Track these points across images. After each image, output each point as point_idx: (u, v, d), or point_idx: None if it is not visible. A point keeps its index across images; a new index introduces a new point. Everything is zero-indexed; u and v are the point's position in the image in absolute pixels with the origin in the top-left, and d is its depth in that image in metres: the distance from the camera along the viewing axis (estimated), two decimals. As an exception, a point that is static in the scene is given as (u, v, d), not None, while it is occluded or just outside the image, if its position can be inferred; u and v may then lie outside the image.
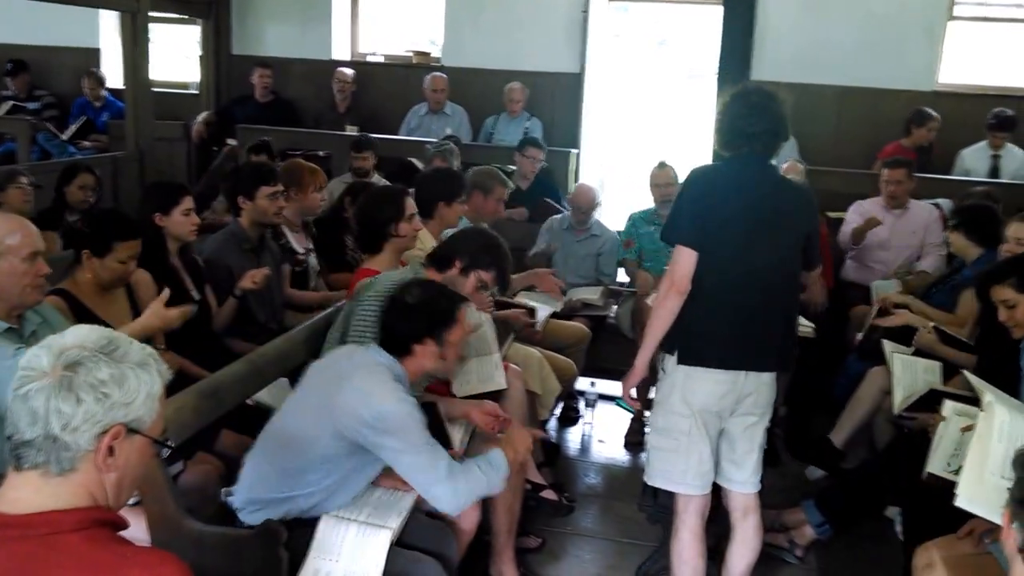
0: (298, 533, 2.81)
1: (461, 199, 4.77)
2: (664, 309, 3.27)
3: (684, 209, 3.28)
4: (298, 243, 5.13)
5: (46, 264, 3.03)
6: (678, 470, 3.36)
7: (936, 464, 3.41)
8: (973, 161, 7.42)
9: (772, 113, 3.30)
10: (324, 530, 2.84)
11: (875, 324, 4.89)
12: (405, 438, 2.87)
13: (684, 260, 3.21)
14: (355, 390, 2.92)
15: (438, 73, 8.48)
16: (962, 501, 2.76)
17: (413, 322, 3.12)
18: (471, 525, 3.32)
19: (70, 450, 1.65)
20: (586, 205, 6.11)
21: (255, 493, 2.98)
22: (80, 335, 1.73)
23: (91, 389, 1.66)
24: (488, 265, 3.77)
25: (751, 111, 3.28)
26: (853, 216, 6.26)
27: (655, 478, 3.45)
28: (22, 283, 2.94)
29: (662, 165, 6.00)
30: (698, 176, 3.36)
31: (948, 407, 3.53)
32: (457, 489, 2.88)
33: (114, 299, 3.82)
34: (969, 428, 3.39)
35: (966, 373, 3.64)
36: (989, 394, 3.01)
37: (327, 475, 2.95)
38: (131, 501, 2.91)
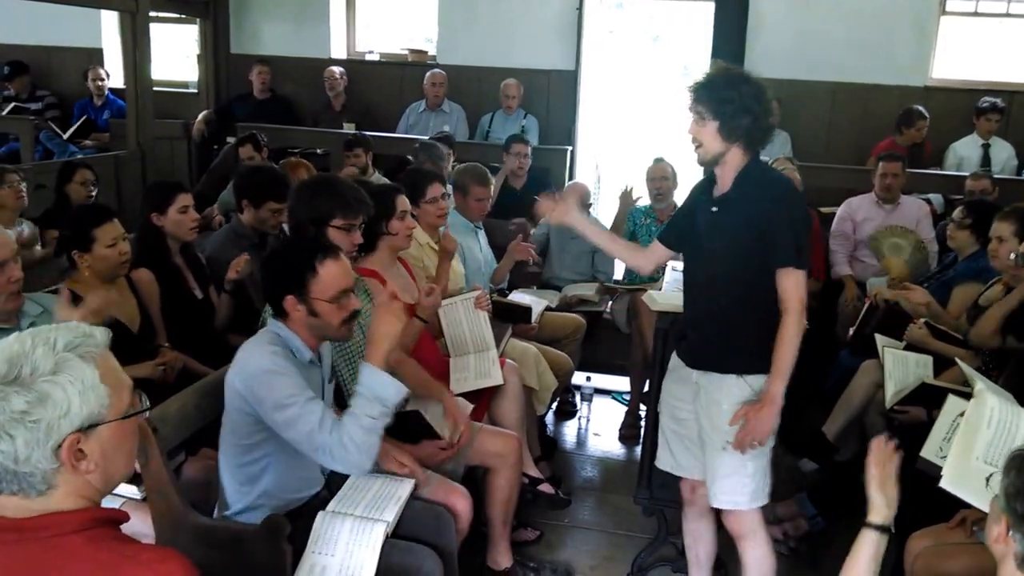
0: (301, 527, 2.85)
1: (427, 198, 4.62)
2: (798, 336, 3.13)
3: (801, 232, 3.12)
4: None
5: (18, 268, 2.98)
6: (768, 482, 3.35)
7: (930, 448, 3.46)
8: (964, 151, 7.49)
9: None
10: (321, 525, 2.86)
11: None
12: (272, 396, 2.73)
13: (803, 282, 3.13)
14: (233, 363, 2.86)
15: (437, 70, 8.53)
16: (947, 483, 2.80)
17: (269, 278, 2.96)
18: (466, 512, 3.35)
19: (35, 476, 1.61)
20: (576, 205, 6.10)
21: (228, 489, 2.99)
22: None
23: (16, 423, 1.57)
24: (333, 212, 3.53)
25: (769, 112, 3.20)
26: (844, 212, 6.32)
27: (759, 498, 3.33)
28: None
29: (658, 160, 6.05)
30: (797, 192, 3.29)
31: (951, 399, 3.57)
32: (343, 441, 2.68)
33: (120, 295, 3.87)
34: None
35: (959, 362, 3.69)
36: (980, 382, 3.07)
37: (260, 458, 2.90)
38: (138, 496, 3.00)
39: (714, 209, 3.21)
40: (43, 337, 1.64)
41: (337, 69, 8.82)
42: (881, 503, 2.40)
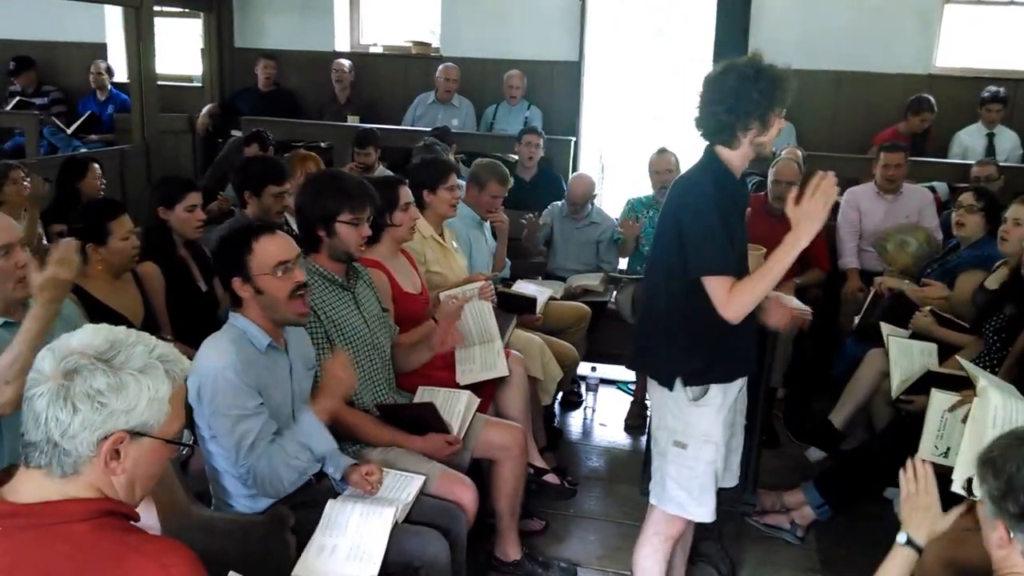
0: (305, 516, 2.87)
1: (447, 185, 4.67)
2: None
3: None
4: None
5: (25, 254, 2.84)
6: None
7: (925, 448, 3.49)
8: (969, 140, 7.47)
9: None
10: (331, 511, 2.90)
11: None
12: (214, 401, 2.78)
13: None
14: (193, 362, 2.83)
15: (451, 64, 8.48)
16: (958, 488, 2.81)
17: (219, 271, 3.01)
18: (471, 503, 3.34)
19: (71, 456, 1.66)
20: (581, 197, 6.13)
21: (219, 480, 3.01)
22: (84, 338, 1.72)
23: (87, 399, 1.65)
24: (340, 207, 3.49)
25: None
26: (847, 200, 6.29)
27: None
28: (2, 279, 2.79)
29: (662, 151, 6.03)
30: None
31: (935, 395, 3.61)
32: (266, 468, 2.81)
33: (124, 289, 3.89)
34: (954, 408, 3.49)
35: (960, 359, 3.71)
36: (983, 379, 3.07)
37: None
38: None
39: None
40: (146, 339, 1.77)
41: (346, 62, 8.82)
42: (921, 525, 2.42)
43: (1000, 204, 5.00)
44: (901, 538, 2.40)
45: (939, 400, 3.61)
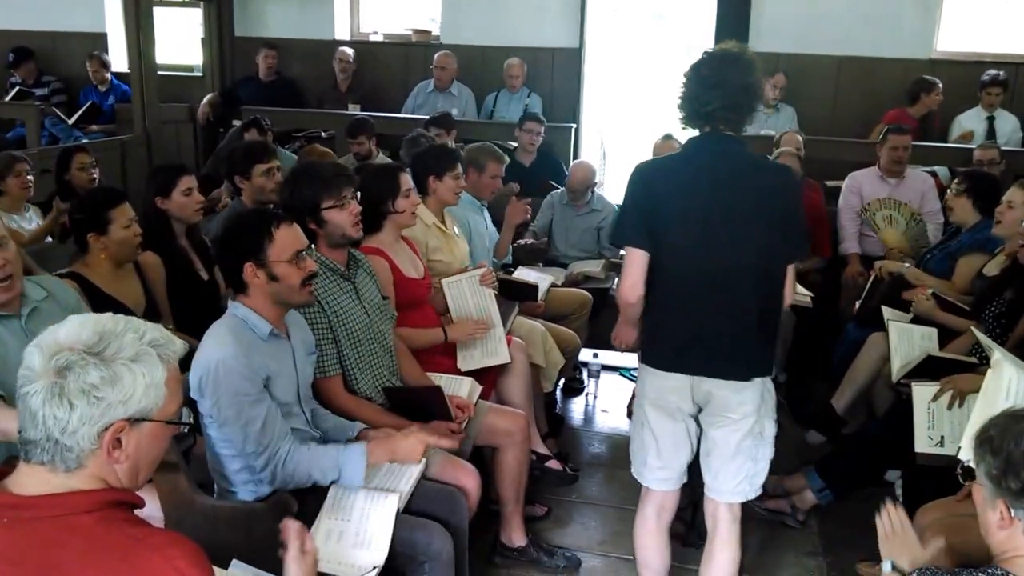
0: (308, 503, 2.88)
1: (454, 173, 4.66)
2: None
3: (627, 210, 3.10)
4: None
5: (9, 253, 2.79)
6: (638, 459, 3.30)
7: (920, 441, 3.51)
8: (969, 123, 7.45)
9: (728, 86, 2.96)
10: (335, 495, 2.91)
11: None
12: (220, 390, 2.77)
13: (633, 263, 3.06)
14: (195, 355, 2.85)
15: (446, 51, 8.47)
16: (966, 455, 2.82)
17: (226, 255, 2.99)
18: (474, 490, 3.35)
19: (73, 451, 1.66)
20: (581, 185, 6.14)
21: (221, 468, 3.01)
22: (71, 332, 1.69)
23: (82, 394, 1.64)
24: (319, 196, 3.49)
25: (703, 88, 2.98)
26: (849, 185, 6.28)
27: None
28: None
29: (667, 137, 6.02)
30: (639, 174, 3.10)
31: (916, 389, 3.64)
32: (287, 460, 2.84)
33: (125, 279, 3.89)
34: (936, 398, 3.50)
35: (975, 330, 3.71)
36: (997, 352, 3.07)
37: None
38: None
39: None
40: (135, 326, 1.75)
41: (350, 51, 8.82)
42: (902, 555, 2.44)
43: (995, 186, 5.01)
44: (887, 567, 2.42)
45: (921, 393, 3.64)
